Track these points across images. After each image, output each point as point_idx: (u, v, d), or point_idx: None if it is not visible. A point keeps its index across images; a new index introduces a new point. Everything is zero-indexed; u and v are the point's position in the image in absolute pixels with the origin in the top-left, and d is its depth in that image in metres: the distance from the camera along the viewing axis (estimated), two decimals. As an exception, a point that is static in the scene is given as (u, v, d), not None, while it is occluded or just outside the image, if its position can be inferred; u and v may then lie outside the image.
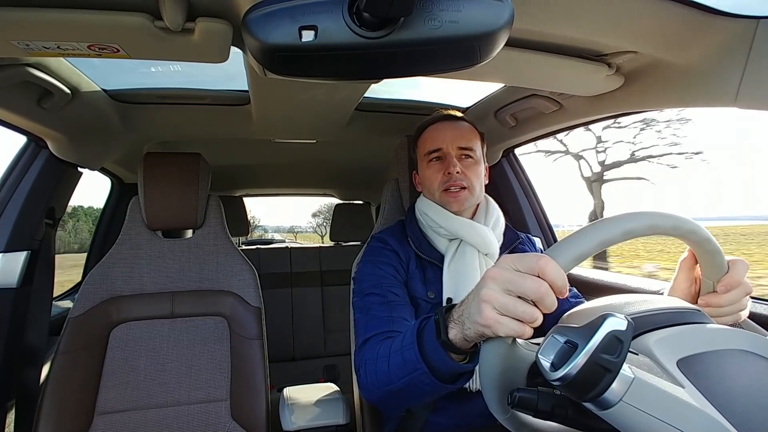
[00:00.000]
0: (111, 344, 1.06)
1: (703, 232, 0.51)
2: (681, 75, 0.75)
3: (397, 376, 0.63)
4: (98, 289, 1.08)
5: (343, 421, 1.01)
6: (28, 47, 0.64)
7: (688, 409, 0.37)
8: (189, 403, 1.06)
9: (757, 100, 0.65)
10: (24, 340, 1.08)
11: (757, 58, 0.62)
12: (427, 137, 0.95)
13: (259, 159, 1.97)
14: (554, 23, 0.65)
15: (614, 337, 0.37)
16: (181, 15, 0.60)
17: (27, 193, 1.09)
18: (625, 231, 0.46)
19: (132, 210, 1.16)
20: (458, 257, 0.88)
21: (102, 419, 1.01)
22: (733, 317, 0.56)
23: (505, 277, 0.44)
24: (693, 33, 0.66)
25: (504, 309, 0.44)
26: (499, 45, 0.43)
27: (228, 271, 1.18)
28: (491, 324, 0.45)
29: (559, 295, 0.43)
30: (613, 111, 0.96)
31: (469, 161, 0.92)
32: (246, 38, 0.41)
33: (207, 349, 1.11)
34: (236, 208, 2.10)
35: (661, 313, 0.49)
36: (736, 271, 0.54)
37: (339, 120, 1.27)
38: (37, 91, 0.90)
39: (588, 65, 0.78)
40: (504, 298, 0.44)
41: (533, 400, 0.44)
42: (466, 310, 0.50)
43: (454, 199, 0.90)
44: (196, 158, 1.18)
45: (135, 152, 1.46)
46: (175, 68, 1.12)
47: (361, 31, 0.39)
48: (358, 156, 1.93)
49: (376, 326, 0.78)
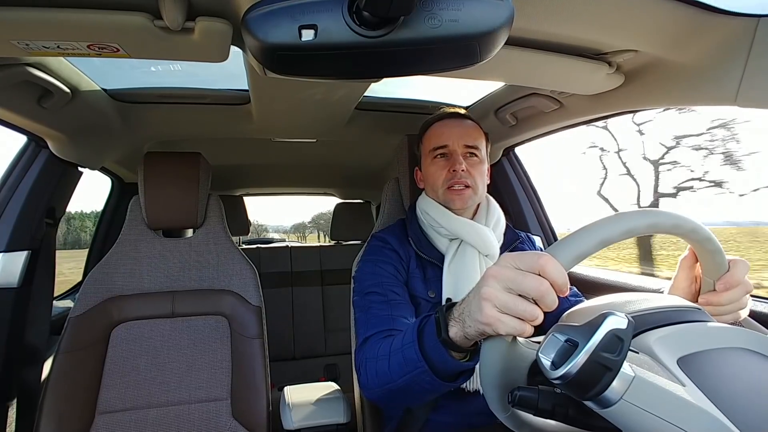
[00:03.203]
0: (112, 344, 1.06)
1: (704, 231, 0.51)
2: (681, 74, 0.75)
3: (397, 375, 0.64)
4: (99, 289, 1.09)
5: (344, 420, 1.01)
6: (27, 47, 0.64)
7: (688, 408, 0.37)
8: (189, 403, 1.06)
9: (757, 98, 0.65)
10: (25, 339, 1.08)
11: (757, 56, 0.62)
12: (433, 134, 0.95)
13: (260, 158, 1.97)
14: (554, 22, 0.65)
15: (615, 336, 0.37)
16: (181, 14, 0.60)
17: (27, 192, 1.09)
18: (625, 230, 0.46)
19: (132, 210, 1.16)
20: (458, 257, 0.88)
21: (103, 418, 1.01)
22: (733, 316, 0.56)
23: (506, 276, 0.44)
24: (693, 32, 0.66)
25: (505, 307, 0.44)
26: (499, 44, 0.43)
27: (228, 271, 1.18)
28: (492, 322, 0.45)
29: (560, 294, 0.43)
30: (614, 110, 0.96)
31: (474, 160, 0.92)
32: (246, 37, 0.41)
33: (207, 348, 1.11)
34: (236, 208, 2.10)
35: (661, 311, 0.49)
36: (736, 270, 0.54)
37: (339, 119, 1.27)
38: (37, 91, 0.90)
39: (588, 64, 0.78)
40: (505, 296, 0.44)
41: (534, 398, 0.44)
42: (466, 308, 0.50)
43: (457, 196, 0.89)
44: (197, 158, 1.18)
45: (135, 152, 1.46)
46: (175, 67, 1.12)
47: (361, 30, 0.39)
48: (358, 155, 1.93)
49: (377, 325, 0.78)
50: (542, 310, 0.44)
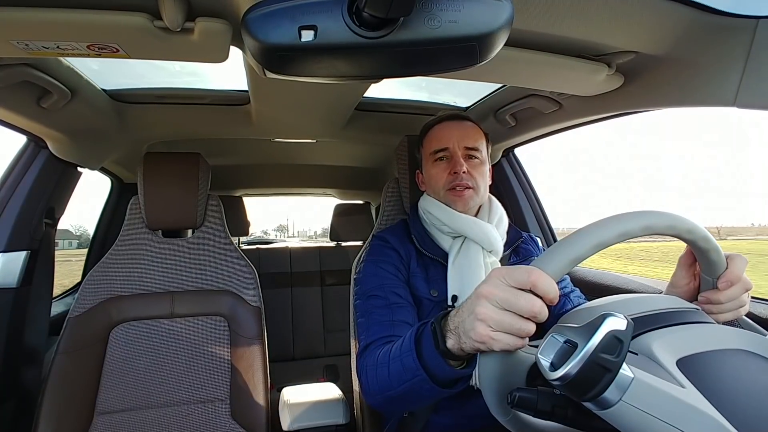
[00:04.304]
0: (111, 344, 1.06)
1: (701, 231, 0.51)
2: (681, 75, 0.75)
3: (397, 382, 0.64)
4: (98, 289, 1.08)
5: (343, 421, 1.01)
6: (27, 47, 0.64)
7: (687, 409, 0.37)
8: (189, 403, 1.06)
9: (757, 100, 0.65)
10: (24, 340, 1.08)
11: (756, 57, 0.62)
12: (434, 136, 0.95)
13: (259, 159, 1.97)
14: (554, 23, 0.65)
15: (614, 337, 0.37)
16: (181, 15, 0.60)
17: (27, 192, 1.09)
18: (619, 233, 0.46)
19: (132, 210, 1.16)
20: (462, 254, 0.88)
21: (102, 419, 1.00)
22: (733, 314, 0.56)
23: (499, 295, 0.45)
24: (693, 33, 0.66)
25: (498, 326, 0.45)
26: (498, 45, 0.42)
27: (228, 271, 1.18)
28: (486, 340, 0.46)
29: (550, 305, 0.44)
30: (613, 111, 0.96)
31: (475, 161, 0.92)
32: (245, 38, 0.41)
33: (207, 349, 1.11)
34: (236, 208, 2.10)
35: (660, 313, 0.49)
36: (735, 267, 0.54)
37: (339, 120, 1.27)
38: (37, 91, 0.90)
39: (588, 65, 0.78)
40: (498, 315, 0.45)
41: (533, 399, 0.44)
42: (461, 324, 0.50)
43: (459, 198, 0.90)
44: (196, 158, 1.18)
45: (135, 152, 1.46)
46: (174, 67, 1.12)
47: (360, 30, 0.39)
48: (358, 156, 1.93)
49: (378, 331, 0.78)
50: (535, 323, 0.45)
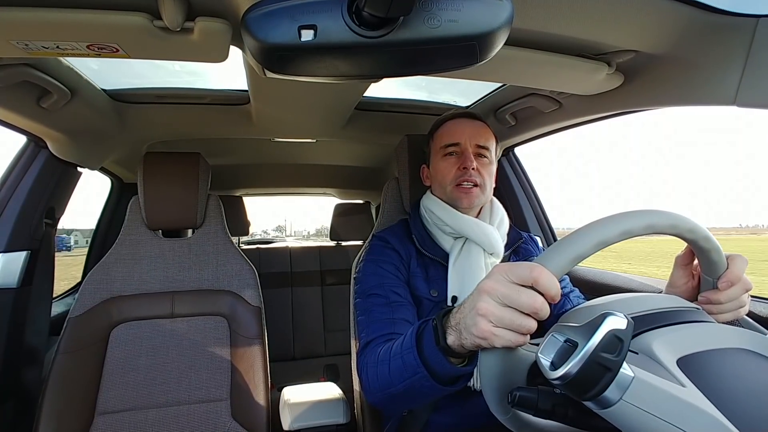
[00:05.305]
0: (111, 344, 1.06)
1: (702, 231, 0.51)
2: (681, 74, 0.75)
3: (398, 380, 0.64)
4: (98, 289, 1.08)
5: (344, 421, 1.01)
6: (27, 47, 0.64)
7: (688, 408, 0.37)
8: (189, 403, 1.06)
9: (757, 98, 0.65)
10: (24, 340, 1.08)
11: (756, 56, 0.62)
12: (445, 131, 0.95)
13: (259, 158, 1.97)
14: (554, 22, 0.65)
15: (614, 336, 0.37)
16: (181, 14, 0.60)
17: (27, 193, 1.09)
18: (621, 231, 0.46)
19: (132, 209, 1.16)
20: (463, 255, 0.88)
21: (102, 419, 1.01)
22: (733, 314, 0.56)
23: (501, 291, 0.45)
24: (693, 31, 0.66)
25: (500, 322, 0.45)
26: (498, 44, 0.42)
27: (228, 271, 1.18)
28: (487, 336, 0.46)
29: (552, 302, 0.44)
30: (613, 110, 0.96)
31: (484, 160, 0.93)
32: (245, 38, 0.41)
33: (207, 348, 1.11)
34: (236, 208, 2.10)
35: (660, 312, 0.49)
36: (735, 267, 0.54)
37: (339, 119, 1.27)
38: (37, 91, 0.89)
39: (588, 64, 0.78)
40: (500, 311, 0.45)
41: (533, 399, 0.44)
42: (462, 320, 0.50)
43: (465, 194, 0.90)
44: (196, 158, 1.17)
45: (135, 152, 1.46)
46: (174, 67, 1.12)
47: (360, 30, 0.39)
48: (358, 155, 1.93)
49: (378, 329, 0.78)
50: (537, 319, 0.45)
